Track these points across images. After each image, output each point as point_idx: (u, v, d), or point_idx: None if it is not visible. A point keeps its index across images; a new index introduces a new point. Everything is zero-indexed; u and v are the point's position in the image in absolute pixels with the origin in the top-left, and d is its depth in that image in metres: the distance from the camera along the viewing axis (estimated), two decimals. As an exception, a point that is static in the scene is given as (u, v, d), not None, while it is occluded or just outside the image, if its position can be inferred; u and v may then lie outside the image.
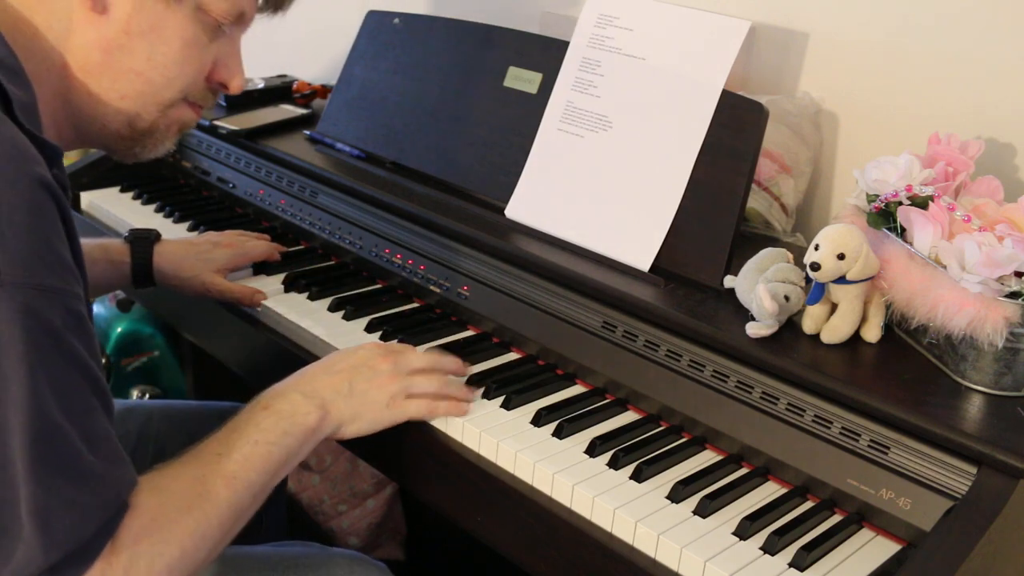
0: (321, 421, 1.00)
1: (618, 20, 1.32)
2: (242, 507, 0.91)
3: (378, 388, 1.05)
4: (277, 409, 0.98)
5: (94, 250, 1.31)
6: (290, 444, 0.97)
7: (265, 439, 0.95)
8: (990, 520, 0.86)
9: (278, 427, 0.97)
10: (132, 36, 0.91)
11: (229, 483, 0.90)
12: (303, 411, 0.99)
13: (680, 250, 1.21)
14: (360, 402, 1.04)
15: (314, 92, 1.91)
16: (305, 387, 1.03)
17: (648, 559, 0.94)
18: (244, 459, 0.93)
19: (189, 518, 0.86)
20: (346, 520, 1.98)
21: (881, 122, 1.34)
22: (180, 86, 0.96)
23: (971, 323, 0.96)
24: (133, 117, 0.94)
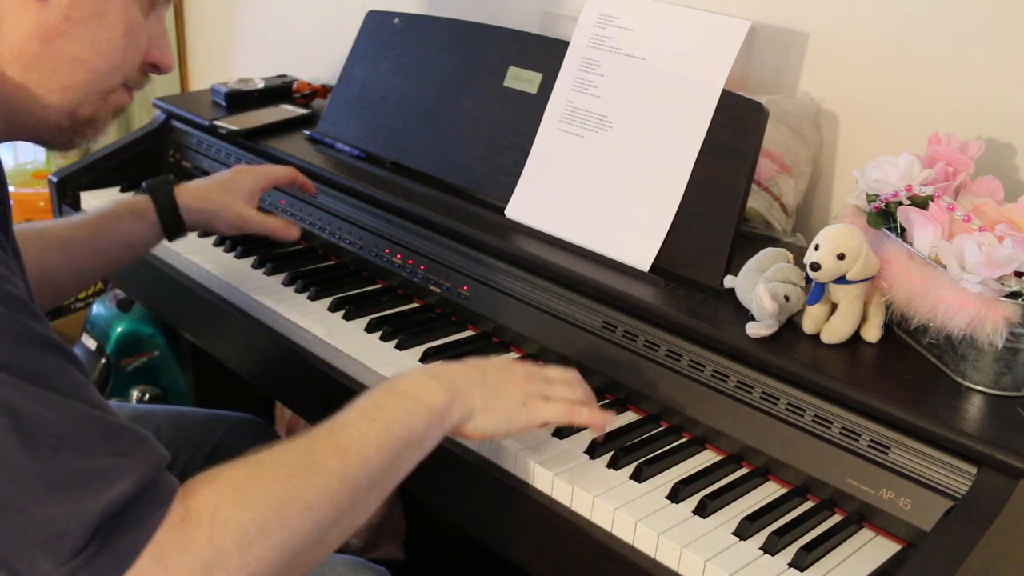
0: (450, 404, 0.93)
1: (618, 20, 1.32)
2: (358, 484, 0.83)
3: (514, 386, 0.98)
4: (400, 389, 0.92)
5: (117, 207, 1.29)
6: (413, 424, 0.89)
7: (384, 416, 0.88)
8: (990, 520, 0.86)
9: (400, 405, 0.90)
10: (74, 23, 0.84)
11: (340, 455, 0.83)
12: (429, 391, 0.92)
13: (680, 250, 1.21)
14: (494, 394, 0.97)
15: (314, 92, 1.91)
16: (434, 370, 0.96)
17: (648, 559, 0.94)
18: (360, 433, 0.85)
19: (287, 485, 0.78)
20: (346, 520, 1.97)
21: (881, 122, 1.34)
22: (123, 71, 0.90)
23: (971, 323, 0.96)
24: (75, 107, 0.88)
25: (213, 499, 0.75)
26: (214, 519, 0.74)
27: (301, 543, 0.79)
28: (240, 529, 0.75)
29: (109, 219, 1.28)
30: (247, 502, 0.76)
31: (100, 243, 1.27)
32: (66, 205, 1.75)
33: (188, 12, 2.67)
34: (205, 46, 2.66)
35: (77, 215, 1.33)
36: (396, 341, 1.25)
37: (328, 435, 0.85)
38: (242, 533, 0.75)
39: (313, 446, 0.83)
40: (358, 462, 0.83)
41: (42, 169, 2.60)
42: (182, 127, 1.82)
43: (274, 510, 0.77)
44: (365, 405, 0.89)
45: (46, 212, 2.45)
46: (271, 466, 0.80)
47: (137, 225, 1.29)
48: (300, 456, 0.82)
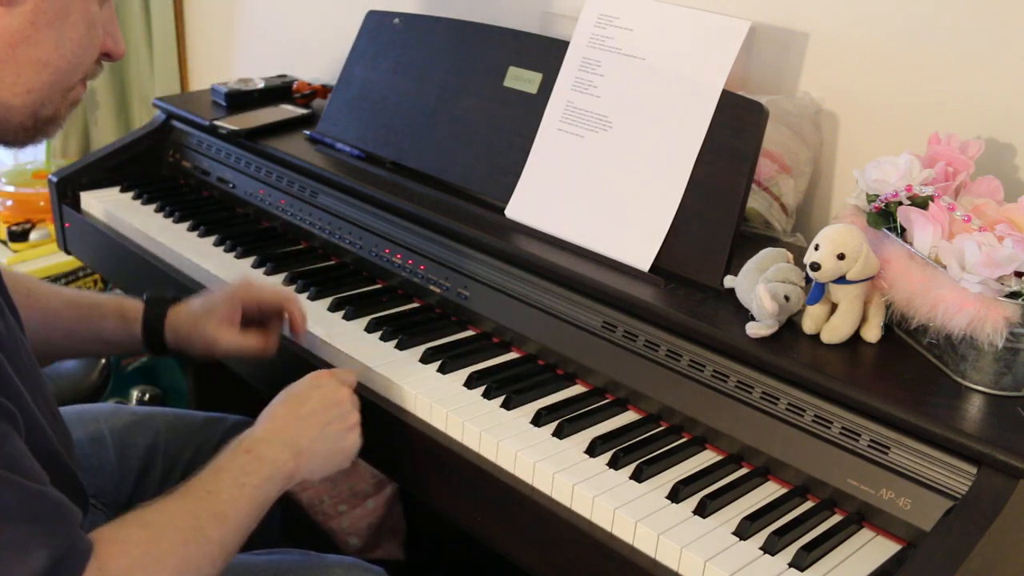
0: (296, 468, 1.03)
1: (618, 20, 1.32)
2: (231, 547, 0.93)
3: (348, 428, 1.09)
4: (259, 455, 1.00)
5: (108, 305, 1.26)
6: (269, 490, 0.99)
7: (251, 482, 0.97)
8: (990, 520, 0.86)
9: (261, 472, 0.99)
10: (39, 27, 0.84)
11: (221, 522, 0.92)
12: (283, 459, 1.02)
13: (680, 250, 1.21)
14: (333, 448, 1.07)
15: (314, 92, 1.91)
16: (284, 435, 1.04)
17: (648, 559, 0.94)
18: (232, 500, 0.94)
19: (183, 551, 0.87)
20: (346, 520, 1.97)
21: (881, 122, 1.34)
22: (84, 69, 0.91)
23: (971, 323, 0.96)
24: (38, 108, 0.89)
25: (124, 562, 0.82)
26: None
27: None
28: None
29: (96, 312, 1.25)
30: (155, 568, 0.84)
31: (80, 329, 1.25)
32: (66, 205, 1.75)
33: (188, 12, 2.67)
34: (205, 46, 2.66)
35: (71, 291, 1.29)
36: (396, 341, 1.25)
37: (207, 499, 0.93)
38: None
39: (198, 513, 0.91)
40: (234, 527, 0.93)
41: (42, 169, 2.60)
42: (182, 127, 1.82)
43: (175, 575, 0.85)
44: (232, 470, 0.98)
45: (46, 212, 2.45)
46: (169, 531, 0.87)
47: (119, 328, 1.26)
48: (188, 521, 0.89)
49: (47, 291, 1.26)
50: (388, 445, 1.19)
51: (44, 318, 1.22)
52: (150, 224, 1.63)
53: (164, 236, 1.58)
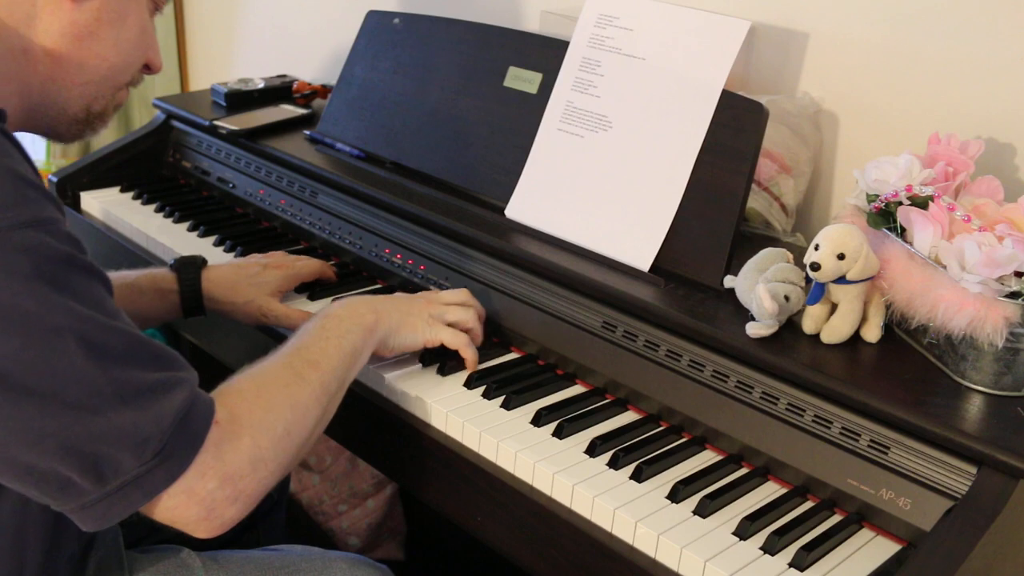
0: (376, 322, 1.11)
1: (618, 20, 1.32)
2: (329, 388, 1.01)
3: (419, 308, 1.18)
4: (336, 314, 1.09)
5: (141, 279, 1.29)
6: (355, 340, 1.07)
7: (333, 334, 1.06)
8: (990, 520, 0.86)
9: (341, 325, 1.07)
10: (103, 23, 0.94)
11: (314, 366, 1.00)
12: (360, 311, 1.11)
13: (680, 250, 1.21)
14: (404, 316, 1.16)
15: (314, 92, 1.91)
16: (359, 300, 1.14)
17: (648, 559, 0.94)
18: (321, 350, 1.03)
19: (290, 391, 0.96)
20: (346, 520, 1.98)
21: (881, 122, 1.34)
22: (134, 69, 1.01)
23: (971, 323, 0.96)
24: (91, 101, 0.98)
25: (245, 406, 0.91)
26: (251, 420, 0.90)
27: (305, 438, 0.96)
28: (272, 429, 0.91)
29: (132, 291, 1.28)
30: (270, 406, 0.93)
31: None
32: (66, 205, 1.75)
33: (188, 12, 2.67)
34: (205, 46, 2.66)
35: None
36: (396, 341, 1.25)
37: (298, 353, 1.02)
38: (274, 431, 0.91)
39: (292, 363, 1.00)
40: (328, 370, 1.01)
41: (42, 169, 2.60)
42: (182, 127, 1.82)
43: (289, 413, 0.94)
44: (315, 329, 1.06)
45: (46, 212, 2.44)
46: (272, 379, 0.96)
47: (157, 302, 1.30)
48: (286, 371, 0.98)
49: None
50: (388, 445, 1.19)
51: None
52: (150, 224, 1.63)
53: (164, 236, 1.58)
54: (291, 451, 0.94)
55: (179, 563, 1.07)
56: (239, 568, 1.08)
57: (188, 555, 1.08)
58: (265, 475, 0.90)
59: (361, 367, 1.09)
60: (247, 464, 0.88)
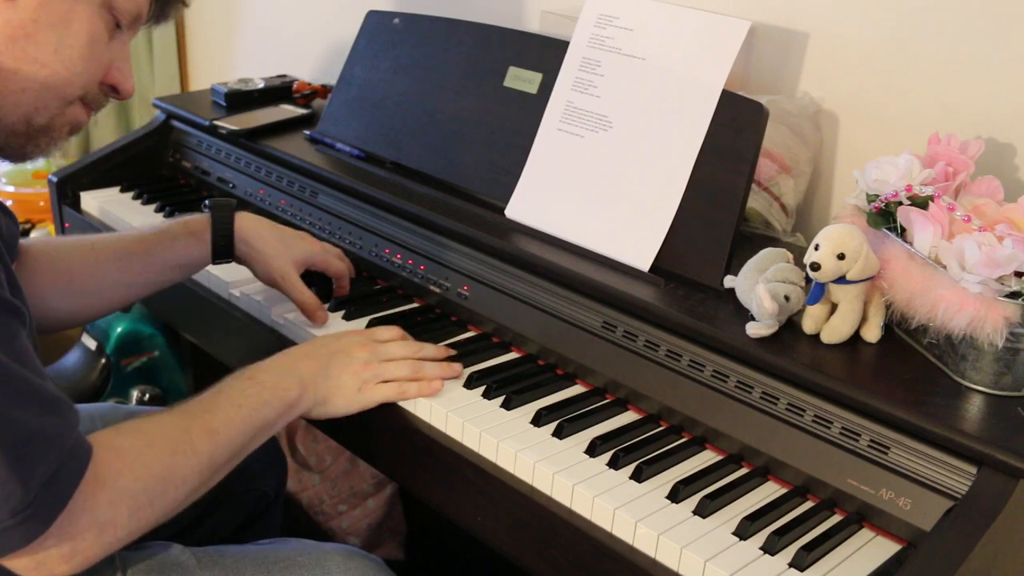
0: (299, 398, 1.07)
1: (618, 20, 1.32)
2: (219, 463, 0.98)
3: (351, 375, 1.12)
4: (261, 380, 1.05)
5: (174, 226, 1.29)
6: (268, 414, 1.03)
7: (248, 404, 1.02)
8: (990, 520, 0.86)
9: (260, 396, 1.03)
10: (40, 25, 0.86)
11: (211, 437, 0.97)
12: (284, 386, 1.06)
13: (680, 250, 1.21)
14: (334, 386, 1.11)
15: (314, 92, 1.91)
16: (288, 365, 1.09)
17: (648, 559, 0.94)
18: (227, 419, 0.99)
19: (172, 460, 0.92)
20: (346, 520, 1.98)
21: (881, 122, 1.34)
22: (82, 83, 0.92)
23: (971, 323, 0.96)
24: (32, 112, 0.90)
25: (116, 466, 0.87)
26: (116, 485, 0.86)
27: (171, 509, 0.93)
28: (134, 497, 0.88)
29: (165, 237, 1.28)
30: (142, 473, 0.89)
31: (153, 260, 1.26)
32: (66, 205, 1.75)
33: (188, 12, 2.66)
34: (205, 46, 2.66)
35: (132, 230, 1.33)
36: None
37: (202, 416, 0.98)
38: (135, 500, 0.88)
39: (190, 427, 0.96)
40: (225, 444, 0.98)
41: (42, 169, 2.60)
42: (182, 127, 1.82)
43: (160, 483, 0.91)
44: (233, 392, 1.03)
45: (46, 212, 2.45)
46: (159, 441, 0.93)
47: (191, 246, 1.28)
48: (180, 434, 0.95)
49: (109, 238, 1.29)
50: (387, 445, 1.19)
51: (118, 262, 1.25)
52: (150, 224, 1.63)
53: (164, 236, 1.58)
54: (147, 522, 0.91)
55: (172, 560, 1.06)
56: (234, 563, 1.08)
57: (181, 551, 1.07)
58: (110, 540, 0.87)
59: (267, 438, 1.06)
60: (95, 528, 0.85)
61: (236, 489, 1.36)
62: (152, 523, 0.91)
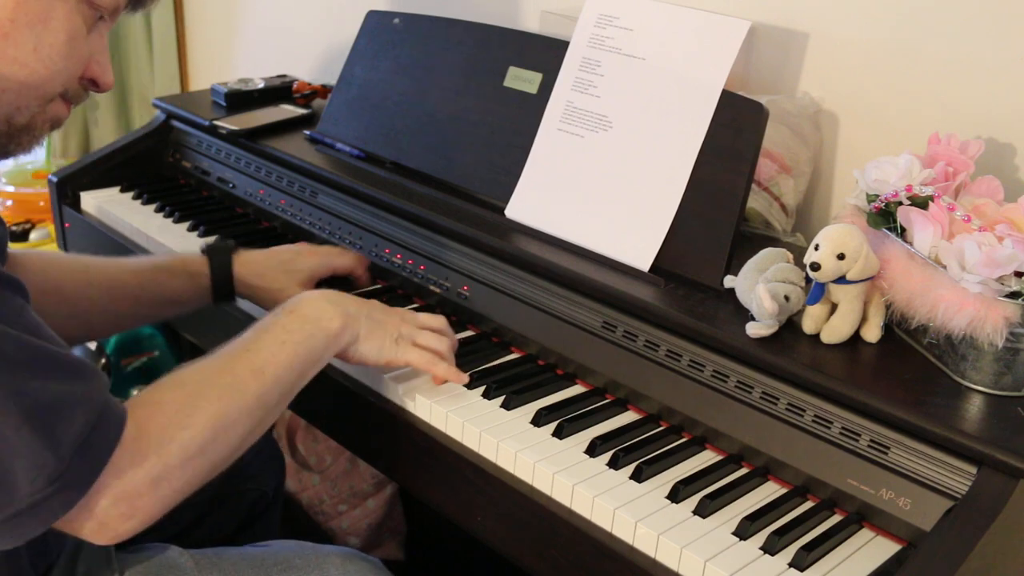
0: (343, 329, 1.06)
1: (618, 20, 1.32)
2: (269, 401, 0.96)
3: (392, 324, 1.11)
4: (303, 313, 1.04)
5: (173, 263, 1.28)
6: (315, 346, 1.02)
7: (292, 339, 1.00)
8: (990, 520, 0.86)
9: (304, 329, 1.02)
10: (18, 24, 0.85)
11: (257, 375, 0.95)
12: (328, 315, 1.05)
13: (680, 250, 1.21)
14: (375, 326, 1.10)
15: (314, 92, 1.91)
16: (332, 298, 1.08)
17: (648, 559, 0.94)
18: (272, 355, 0.97)
19: (218, 405, 0.90)
20: (346, 520, 1.98)
21: (881, 122, 1.34)
22: (63, 80, 0.90)
23: (971, 323, 0.96)
24: (12, 112, 0.88)
25: (160, 420, 0.86)
26: (162, 438, 0.86)
27: (226, 455, 0.92)
28: (183, 447, 0.87)
29: (161, 273, 1.26)
30: (188, 422, 0.88)
31: (146, 294, 1.25)
32: (66, 205, 1.75)
33: (188, 12, 2.67)
34: (205, 46, 2.66)
35: (130, 259, 1.32)
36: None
37: (245, 356, 0.96)
38: (185, 450, 0.87)
39: (235, 367, 0.95)
40: (272, 382, 0.96)
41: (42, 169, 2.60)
42: (182, 127, 1.82)
43: (209, 429, 0.89)
44: (275, 328, 1.01)
45: (46, 212, 2.45)
46: (204, 388, 0.91)
47: (187, 285, 1.27)
48: (224, 378, 0.93)
49: (106, 263, 1.27)
50: (388, 445, 1.19)
51: (110, 289, 1.24)
52: (150, 224, 1.63)
53: (164, 236, 1.58)
54: (204, 469, 0.90)
55: (170, 562, 1.06)
56: (232, 565, 1.08)
57: (180, 554, 1.07)
58: (168, 493, 0.86)
59: (314, 375, 1.04)
60: (147, 483, 0.84)
61: (235, 488, 1.36)
62: (209, 471, 0.90)
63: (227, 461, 0.93)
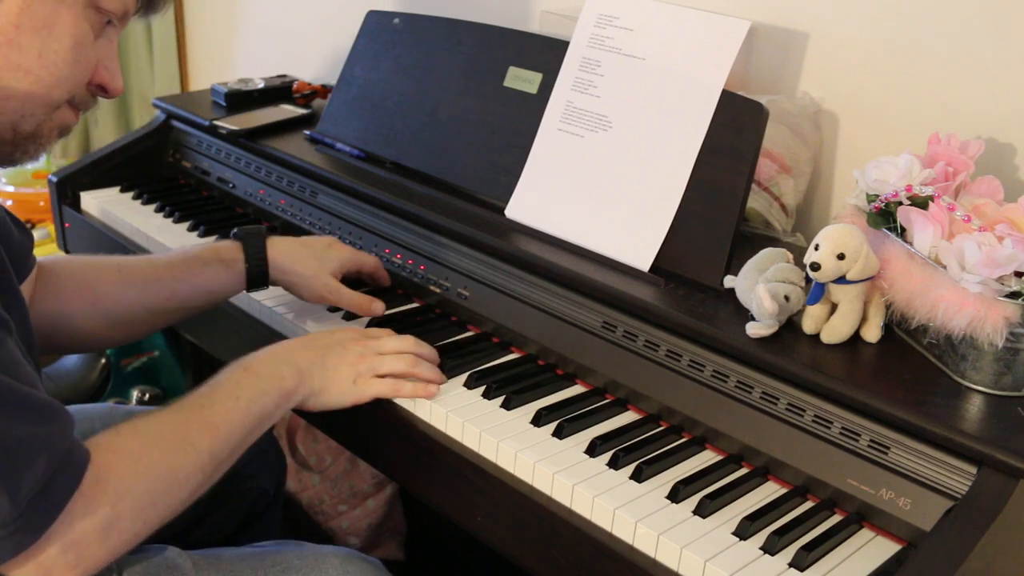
0: (296, 386, 1.07)
1: (618, 20, 1.32)
2: (221, 457, 0.97)
3: (348, 366, 1.11)
4: (257, 371, 1.05)
5: (203, 252, 1.27)
6: (266, 404, 1.03)
7: (245, 396, 1.01)
8: (990, 520, 0.86)
9: (257, 387, 1.03)
10: (23, 31, 0.84)
11: (211, 432, 0.96)
12: (280, 374, 1.06)
13: (680, 250, 1.21)
14: (331, 376, 1.10)
15: (314, 92, 1.91)
16: (283, 355, 1.09)
17: (648, 559, 0.94)
18: (225, 412, 0.99)
19: (173, 459, 0.92)
20: (346, 520, 1.98)
21: (881, 122, 1.34)
22: (69, 87, 0.89)
23: (971, 323, 0.96)
24: (18, 120, 0.88)
25: (118, 468, 0.87)
26: (118, 487, 0.86)
27: (176, 507, 0.93)
28: (137, 498, 0.87)
29: (195, 264, 1.26)
30: (144, 473, 0.89)
31: (181, 286, 1.25)
32: (66, 205, 1.75)
33: (188, 12, 2.67)
34: (205, 46, 2.66)
35: (160, 255, 1.31)
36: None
37: (199, 412, 0.98)
38: (138, 501, 0.87)
39: (189, 423, 0.96)
40: (224, 438, 0.97)
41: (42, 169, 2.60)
42: (182, 127, 1.82)
43: (163, 482, 0.90)
44: (228, 385, 1.02)
45: (46, 212, 2.45)
46: (159, 440, 0.92)
47: (222, 273, 1.26)
48: (179, 431, 0.94)
49: (137, 261, 1.27)
50: (387, 445, 1.19)
51: (144, 286, 1.23)
52: (150, 224, 1.63)
53: (164, 236, 1.58)
54: (153, 520, 0.90)
55: (169, 563, 1.05)
56: (231, 566, 1.08)
57: (178, 554, 1.07)
58: (116, 543, 0.86)
59: (266, 428, 1.05)
60: (97, 532, 0.84)
61: (235, 488, 1.36)
62: (157, 523, 0.91)
63: (175, 512, 0.93)
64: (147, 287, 1.23)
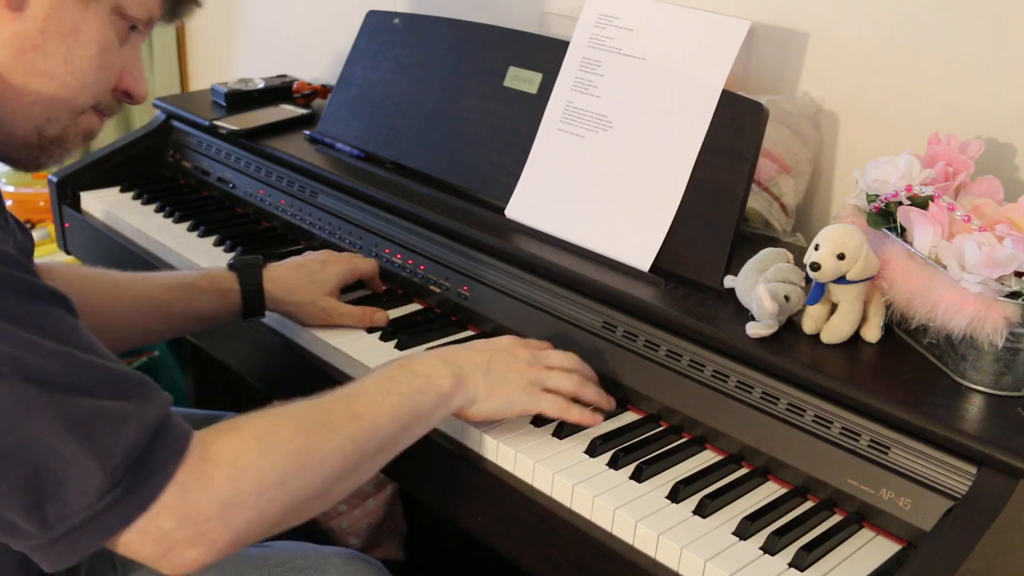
0: (455, 388, 1.01)
1: (618, 20, 1.32)
2: (366, 447, 0.91)
3: (517, 372, 1.06)
4: (413, 368, 1.00)
5: (200, 280, 1.27)
6: (421, 401, 0.97)
7: (397, 390, 0.96)
8: (990, 520, 0.86)
9: (412, 383, 0.98)
10: (49, 36, 0.85)
11: (355, 420, 0.91)
12: (439, 374, 1.00)
13: (680, 250, 1.21)
14: (497, 381, 1.04)
15: (314, 92, 1.91)
16: (444, 355, 1.04)
17: (648, 559, 0.94)
18: (374, 403, 0.93)
19: (307, 440, 0.86)
20: (346, 520, 1.97)
21: (881, 122, 1.34)
22: (95, 92, 0.90)
23: (971, 323, 0.96)
24: (43, 124, 0.89)
25: (235, 445, 0.83)
26: (236, 463, 0.81)
27: (310, 494, 0.86)
28: (260, 475, 0.82)
29: (190, 291, 1.26)
30: (269, 451, 0.84)
31: (174, 310, 1.25)
32: (66, 205, 1.75)
33: (188, 12, 2.66)
34: (205, 46, 2.66)
35: (157, 275, 1.31)
36: (396, 341, 1.26)
37: (345, 400, 0.93)
38: (262, 479, 0.82)
39: (331, 408, 0.91)
40: (369, 428, 0.91)
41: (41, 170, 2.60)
42: (182, 127, 1.82)
43: (292, 461, 0.84)
44: (380, 378, 0.97)
45: (46, 212, 2.45)
46: (291, 421, 0.87)
47: (217, 302, 1.26)
48: (318, 415, 0.90)
49: (133, 279, 1.27)
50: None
51: (137, 306, 1.23)
52: (150, 224, 1.63)
53: (164, 236, 1.58)
54: (283, 503, 0.84)
55: None
56: (233, 566, 1.08)
57: None
58: (240, 522, 0.81)
59: (423, 432, 0.99)
60: (216, 508, 0.80)
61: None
62: (289, 507, 0.85)
63: (312, 503, 0.88)
64: (140, 307, 1.23)
